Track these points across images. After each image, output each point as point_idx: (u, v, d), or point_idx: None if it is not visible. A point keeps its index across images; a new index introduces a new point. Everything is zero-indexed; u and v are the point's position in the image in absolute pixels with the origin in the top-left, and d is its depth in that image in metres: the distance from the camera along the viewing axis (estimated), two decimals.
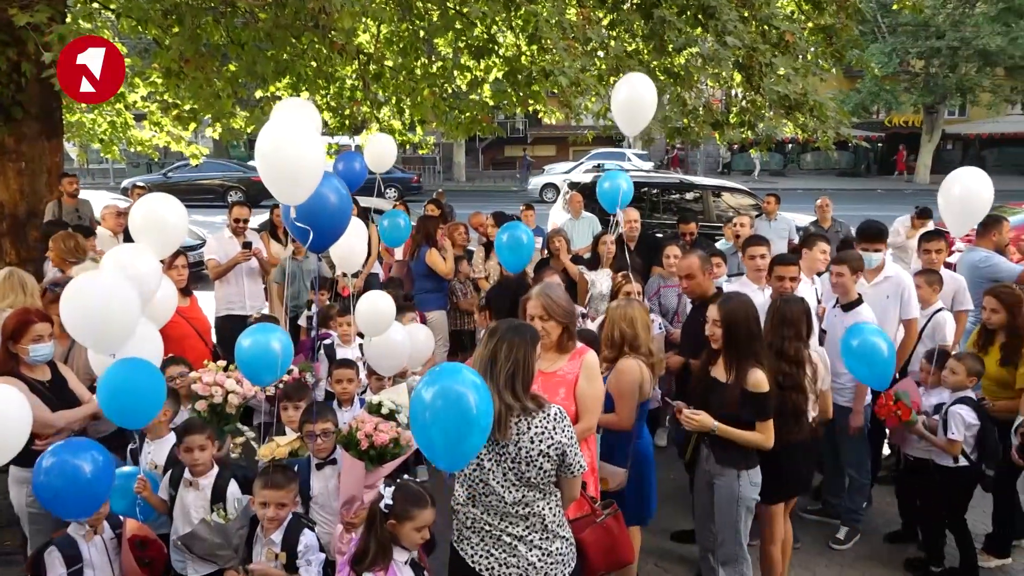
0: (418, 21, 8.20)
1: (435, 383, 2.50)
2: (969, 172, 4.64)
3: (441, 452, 2.53)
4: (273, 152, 3.29)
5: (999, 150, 39.49)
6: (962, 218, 4.70)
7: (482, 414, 2.49)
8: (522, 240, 5.53)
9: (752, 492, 3.87)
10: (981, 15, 29.91)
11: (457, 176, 34.42)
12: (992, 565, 4.76)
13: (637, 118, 5.36)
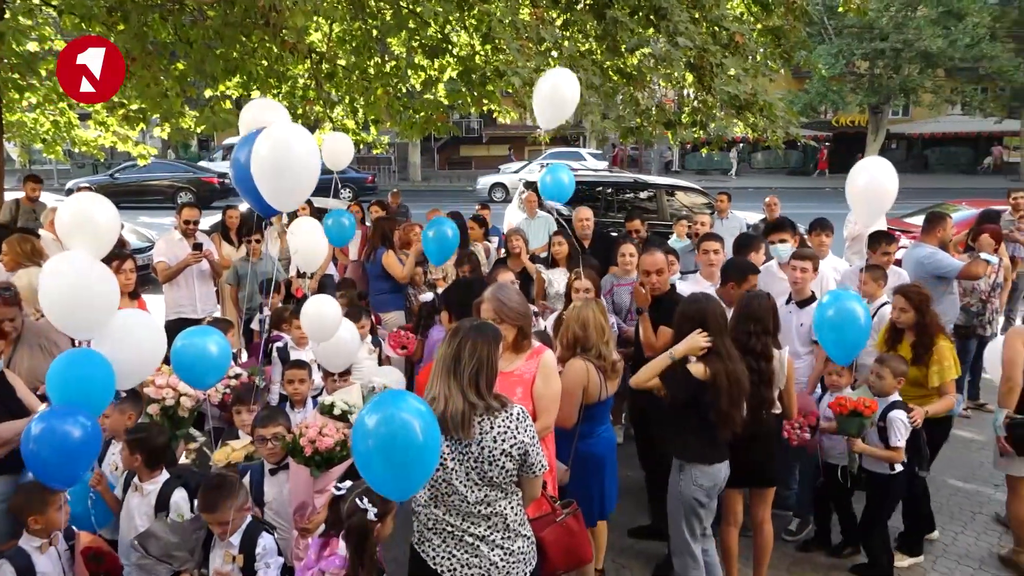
0: (371, 20, 8.15)
1: (377, 414, 2.42)
2: (875, 162, 4.47)
3: (390, 484, 2.50)
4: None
5: (940, 149, 40.74)
6: (868, 208, 4.56)
7: (428, 441, 2.43)
8: (447, 235, 5.93)
9: (695, 493, 3.91)
10: (922, 18, 30.82)
11: (413, 176, 34.24)
12: (906, 564, 4.83)
13: (557, 113, 5.43)
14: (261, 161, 3.35)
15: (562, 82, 5.31)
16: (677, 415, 3.96)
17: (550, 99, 5.35)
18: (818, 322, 4.25)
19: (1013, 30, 32.48)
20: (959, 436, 6.84)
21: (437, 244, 6.04)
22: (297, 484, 3.54)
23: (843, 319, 4.11)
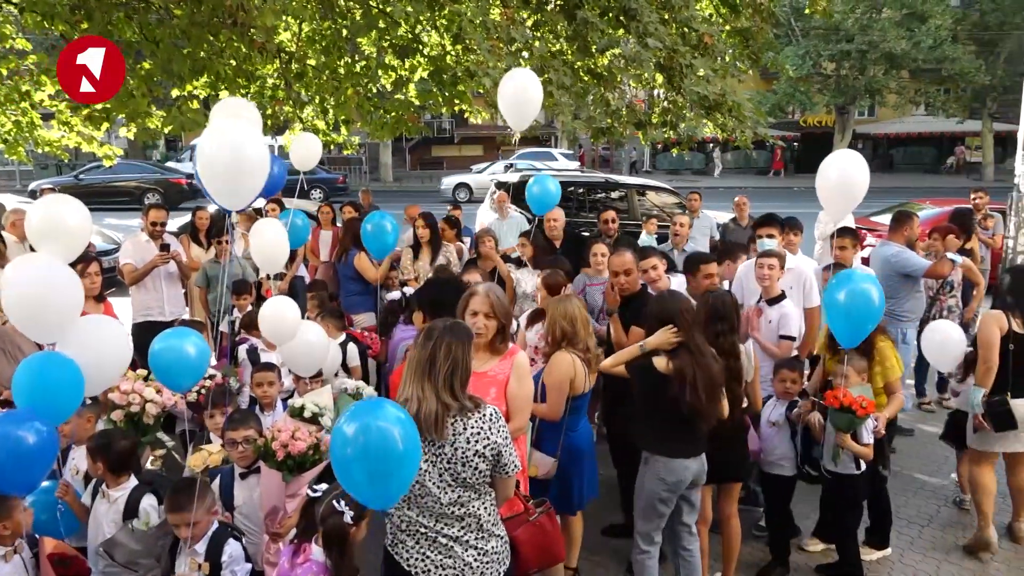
0: (340, 20, 8.08)
1: (356, 422, 2.41)
2: (845, 156, 4.43)
3: (369, 494, 2.48)
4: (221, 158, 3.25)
5: (905, 149, 41.48)
6: (838, 203, 4.54)
7: (408, 450, 2.43)
8: (386, 229, 6.13)
9: (656, 486, 3.93)
10: (887, 20, 31.37)
11: (384, 177, 34.07)
12: (875, 558, 4.90)
13: (524, 113, 5.48)
14: (207, 159, 3.31)
15: (525, 82, 5.35)
16: (643, 407, 4.01)
17: (515, 100, 5.39)
18: (827, 304, 4.24)
19: (973, 32, 33.19)
20: (926, 431, 6.98)
21: (376, 239, 6.13)
22: (269, 488, 3.51)
23: (856, 301, 4.10)
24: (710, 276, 5.03)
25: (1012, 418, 4.77)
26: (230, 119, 3.80)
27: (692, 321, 3.90)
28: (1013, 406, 4.75)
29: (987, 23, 33.19)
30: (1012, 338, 4.75)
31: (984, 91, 33.49)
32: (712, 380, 3.84)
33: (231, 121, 3.48)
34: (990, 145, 36.23)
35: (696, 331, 3.90)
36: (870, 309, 4.12)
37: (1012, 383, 4.75)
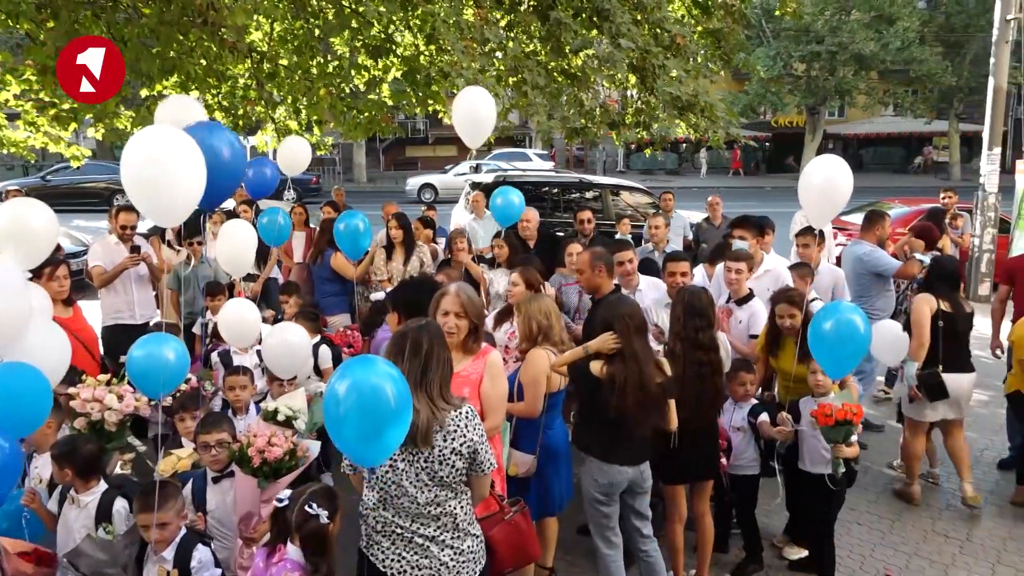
0: (312, 19, 8.03)
1: (349, 376, 2.45)
2: (829, 161, 4.48)
3: (358, 449, 2.51)
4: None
5: (874, 149, 42.09)
6: (821, 208, 4.57)
7: (400, 406, 2.46)
8: (359, 228, 6.15)
9: (591, 488, 3.95)
10: (856, 22, 31.80)
11: (358, 177, 33.88)
12: (798, 556, 4.90)
13: (478, 131, 5.54)
14: (132, 171, 3.15)
15: (477, 101, 5.38)
16: (581, 409, 4.05)
17: (468, 118, 5.43)
18: (814, 335, 4.16)
19: (940, 34, 33.78)
20: (896, 427, 7.07)
21: (349, 238, 6.13)
22: (243, 494, 3.48)
23: (842, 333, 4.03)
24: (684, 274, 5.05)
25: (943, 388, 5.26)
26: (172, 121, 3.73)
27: (635, 327, 3.86)
28: (944, 378, 5.24)
29: (953, 25, 33.80)
30: (940, 316, 5.29)
31: (950, 92, 34.08)
32: (644, 388, 3.78)
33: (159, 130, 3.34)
34: (956, 145, 36.89)
35: (637, 337, 3.86)
36: (857, 342, 4.05)
37: (943, 357, 5.27)
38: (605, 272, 5.05)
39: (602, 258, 5.05)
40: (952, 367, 5.33)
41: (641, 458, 3.96)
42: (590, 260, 5.03)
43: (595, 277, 5.03)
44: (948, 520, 5.44)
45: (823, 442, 4.37)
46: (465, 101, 5.50)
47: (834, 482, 4.35)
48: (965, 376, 5.40)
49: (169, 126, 3.41)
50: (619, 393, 3.75)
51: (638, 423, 3.81)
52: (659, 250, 7.74)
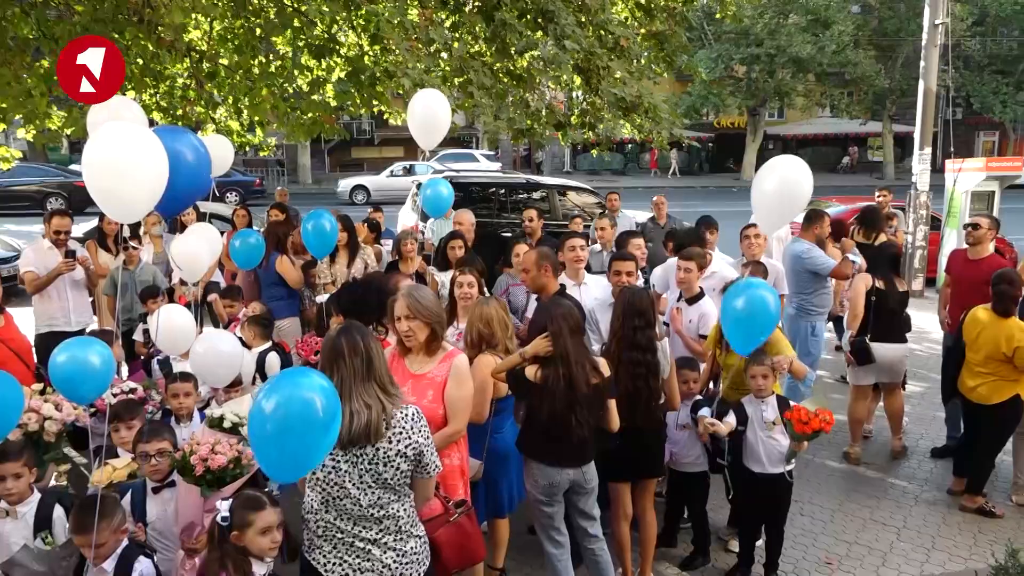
0: (253, 18, 7.89)
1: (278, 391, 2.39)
2: (787, 161, 4.63)
3: (279, 464, 2.44)
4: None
5: (812, 149, 43.20)
6: (775, 214, 4.68)
7: (329, 419, 2.41)
8: (326, 228, 6.11)
9: (532, 489, 3.98)
10: (793, 26, 32.65)
11: (303, 179, 33.42)
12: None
13: (432, 132, 5.53)
14: (94, 170, 3.16)
15: (433, 103, 5.37)
16: (524, 411, 4.05)
17: (423, 120, 5.43)
18: (725, 311, 4.30)
19: (873, 38, 34.91)
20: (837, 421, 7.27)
21: (317, 237, 6.09)
22: (186, 503, 3.39)
23: (753, 309, 4.17)
24: (630, 274, 5.11)
25: (870, 353, 6.10)
26: (112, 120, 3.66)
27: (570, 328, 3.87)
28: (873, 347, 6.08)
29: (885, 29, 34.98)
30: (874, 292, 6.10)
31: (884, 94, 35.26)
32: (574, 388, 3.79)
33: (123, 126, 3.31)
34: (890, 145, 38.19)
35: (572, 340, 3.86)
36: (767, 317, 4.21)
37: (872, 327, 6.11)
38: (551, 271, 5.06)
39: (547, 258, 5.06)
40: (882, 337, 6.11)
41: (582, 459, 3.95)
42: (536, 259, 5.04)
43: (540, 276, 5.05)
44: (886, 509, 5.62)
45: (781, 443, 4.45)
46: (420, 103, 5.49)
47: (791, 476, 4.50)
48: (893, 346, 6.15)
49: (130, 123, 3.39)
50: (548, 395, 3.76)
51: (572, 425, 3.80)
52: (607, 250, 7.81)
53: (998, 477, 5.90)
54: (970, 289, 6.10)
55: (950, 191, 12.06)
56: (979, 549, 5.06)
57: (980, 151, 40.54)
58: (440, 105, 5.51)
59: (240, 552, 2.80)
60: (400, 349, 3.70)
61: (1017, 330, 5.16)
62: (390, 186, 26.49)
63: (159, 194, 3.37)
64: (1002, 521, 5.41)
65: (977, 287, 5.94)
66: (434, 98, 5.53)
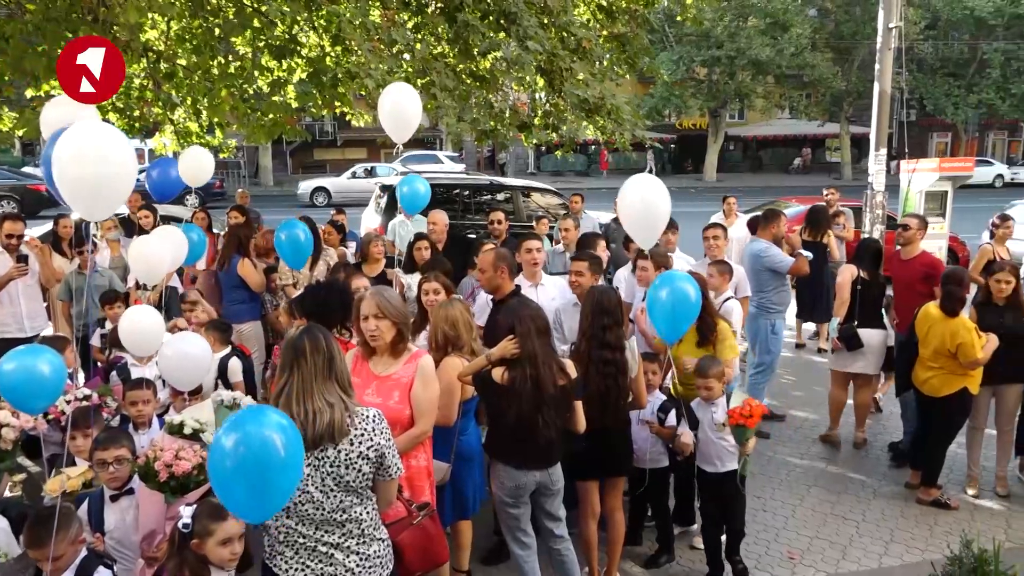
0: (212, 18, 7.77)
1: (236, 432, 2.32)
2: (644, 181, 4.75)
3: (246, 506, 2.40)
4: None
5: (772, 150, 43.94)
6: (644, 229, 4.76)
7: (291, 457, 2.36)
8: (300, 238, 5.97)
9: (499, 491, 3.98)
10: (752, 28, 33.18)
11: (264, 180, 33.05)
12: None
13: (403, 126, 5.56)
14: (64, 164, 3.13)
15: (402, 97, 5.35)
16: (490, 414, 4.05)
17: (394, 113, 5.40)
18: (650, 302, 4.48)
19: (830, 41, 35.59)
20: (796, 416, 7.40)
21: (291, 247, 5.97)
22: (147, 510, 3.32)
23: (676, 299, 4.36)
24: (581, 274, 5.13)
25: (859, 339, 6.33)
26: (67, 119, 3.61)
27: (537, 329, 3.88)
28: (859, 333, 6.32)
29: (842, 32, 35.70)
30: (859, 281, 6.34)
31: (841, 96, 36.00)
32: (540, 389, 3.79)
33: (93, 123, 3.28)
34: (847, 146, 38.97)
35: (538, 340, 3.87)
36: (688, 307, 4.39)
37: (859, 315, 6.34)
38: (507, 273, 5.05)
39: (505, 259, 5.05)
40: (866, 324, 6.35)
41: (548, 461, 3.95)
42: (493, 260, 5.03)
43: (496, 277, 5.04)
44: (846, 503, 5.72)
45: (731, 443, 4.52)
46: (390, 96, 5.46)
47: (743, 481, 4.51)
48: (875, 332, 6.38)
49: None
50: (515, 396, 3.76)
51: (539, 426, 3.80)
52: (570, 251, 7.84)
53: (953, 470, 6.04)
54: (906, 288, 6.38)
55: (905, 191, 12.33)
56: (935, 540, 5.18)
57: (933, 152, 41.57)
58: (410, 98, 5.48)
59: (199, 560, 2.76)
60: (364, 351, 3.67)
61: (962, 327, 5.31)
62: (352, 188, 26.29)
63: (127, 193, 3.36)
64: (957, 513, 5.54)
65: (911, 285, 6.25)
66: (404, 91, 5.51)
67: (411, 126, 5.61)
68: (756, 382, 6.81)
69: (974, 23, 35.70)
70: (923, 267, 6.28)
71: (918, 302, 5.85)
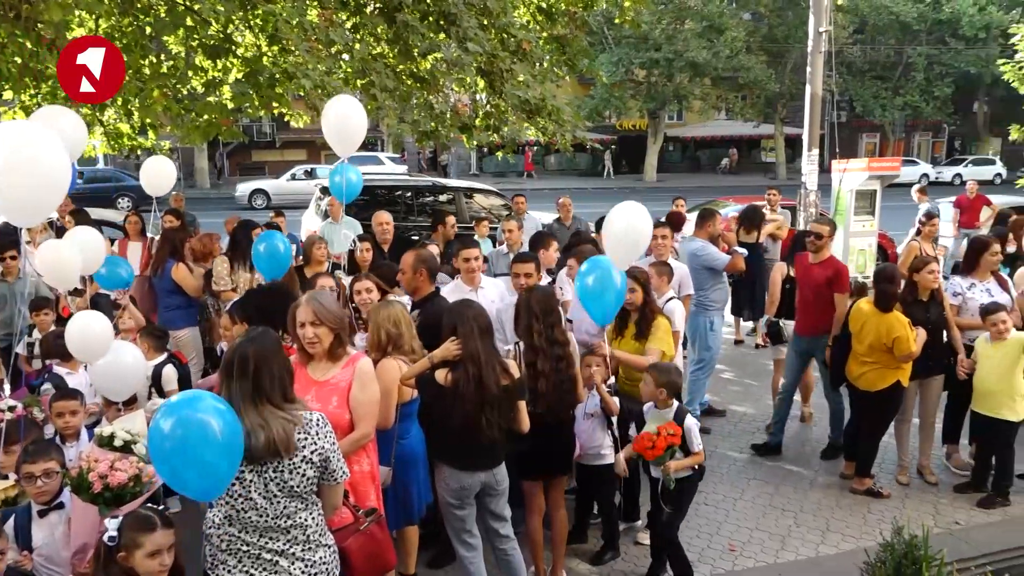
0: (142, 16, 7.56)
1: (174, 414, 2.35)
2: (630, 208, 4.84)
3: (194, 484, 2.40)
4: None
5: (710, 151, 44.80)
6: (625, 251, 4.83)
7: (229, 439, 2.37)
8: (279, 249, 5.66)
9: (444, 492, 3.97)
10: (689, 31, 33.82)
11: (200, 183, 32.28)
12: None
13: (349, 139, 5.47)
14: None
15: (348, 109, 5.28)
16: (434, 416, 4.05)
17: (338, 127, 5.32)
18: (580, 288, 4.64)
19: (764, 44, 36.50)
20: (736, 411, 7.57)
21: (268, 259, 5.72)
22: (80, 523, 3.21)
23: (602, 284, 4.54)
24: (529, 275, 5.15)
25: (781, 335, 6.89)
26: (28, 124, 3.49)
27: (480, 329, 3.88)
28: (784, 325, 6.84)
29: (775, 36, 36.65)
30: (788, 280, 6.78)
31: (775, 98, 36.96)
32: (483, 388, 3.79)
33: (22, 125, 3.18)
34: (782, 147, 40.03)
35: (481, 340, 3.87)
36: (615, 291, 4.57)
37: (786, 311, 6.77)
38: (427, 276, 5.03)
39: (426, 262, 5.02)
40: (793, 318, 6.69)
41: (493, 462, 3.96)
42: (413, 262, 5.01)
43: (416, 279, 5.00)
44: (784, 495, 5.87)
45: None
46: (334, 110, 5.37)
47: (669, 499, 4.42)
48: None
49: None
50: (459, 397, 3.76)
51: (483, 426, 3.80)
52: (513, 252, 7.86)
53: (885, 460, 6.25)
54: (812, 291, 6.30)
55: (836, 190, 12.72)
56: (869, 528, 5.36)
57: (863, 152, 42.99)
58: (355, 111, 5.40)
59: (127, 574, 2.67)
60: (302, 356, 3.62)
61: (896, 322, 5.49)
62: (291, 190, 25.82)
63: (61, 198, 3.31)
64: (889, 501, 5.74)
65: (817, 289, 6.24)
66: (347, 104, 5.43)
67: (356, 140, 5.54)
68: (696, 379, 6.93)
69: (899, 28, 37.09)
70: (830, 272, 6.25)
71: (821, 306, 6.16)
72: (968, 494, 5.81)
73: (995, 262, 6.19)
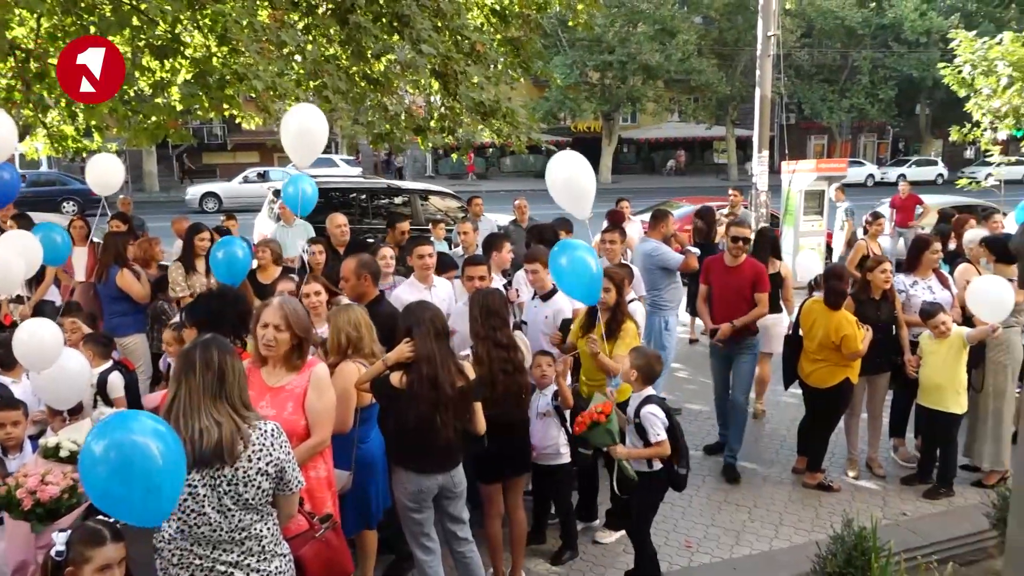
0: (87, 15, 7.37)
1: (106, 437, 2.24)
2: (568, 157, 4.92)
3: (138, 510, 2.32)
4: None
5: (663, 152, 45.33)
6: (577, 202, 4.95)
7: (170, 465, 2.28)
8: (238, 255, 5.63)
9: (400, 496, 3.96)
10: (642, 34, 34.22)
11: (149, 186, 31.51)
12: (611, 540, 5.19)
13: (309, 150, 5.40)
14: None
15: (308, 120, 5.21)
16: (391, 419, 4.03)
17: (298, 136, 5.24)
18: (556, 272, 4.66)
19: (715, 47, 37.10)
20: (692, 409, 7.67)
21: (227, 266, 5.63)
22: (14, 541, 3.12)
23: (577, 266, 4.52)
24: (483, 278, 5.15)
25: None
26: None
27: (435, 331, 3.87)
28: None
29: (725, 39, 37.27)
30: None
31: (726, 100, 37.60)
32: (438, 389, 3.78)
33: None
34: (733, 148, 40.70)
35: (436, 341, 3.86)
36: (591, 273, 4.56)
37: None
38: (370, 280, 5.00)
39: (368, 266, 4.99)
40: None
41: (450, 464, 3.95)
42: (355, 268, 4.97)
43: (360, 285, 4.96)
44: (739, 492, 5.97)
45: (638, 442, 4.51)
46: (295, 119, 5.26)
47: (626, 487, 4.37)
48: (769, 316, 6.50)
49: None
50: (414, 399, 3.75)
51: (438, 427, 3.79)
52: (470, 254, 7.85)
53: (834, 455, 6.39)
54: (734, 293, 6.19)
55: (787, 191, 12.98)
56: (820, 521, 5.47)
57: (812, 153, 43.95)
58: (315, 120, 5.29)
59: None
60: (256, 360, 3.56)
61: (844, 320, 5.62)
62: (243, 193, 25.36)
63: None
64: (839, 495, 5.87)
65: (740, 291, 6.13)
66: (308, 113, 5.32)
67: (316, 151, 5.46)
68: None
69: (845, 32, 38.01)
70: (751, 274, 6.16)
71: (742, 308, 6.05)
72: (914, 486, 5.97)
73: (935, 260, 6.38)
